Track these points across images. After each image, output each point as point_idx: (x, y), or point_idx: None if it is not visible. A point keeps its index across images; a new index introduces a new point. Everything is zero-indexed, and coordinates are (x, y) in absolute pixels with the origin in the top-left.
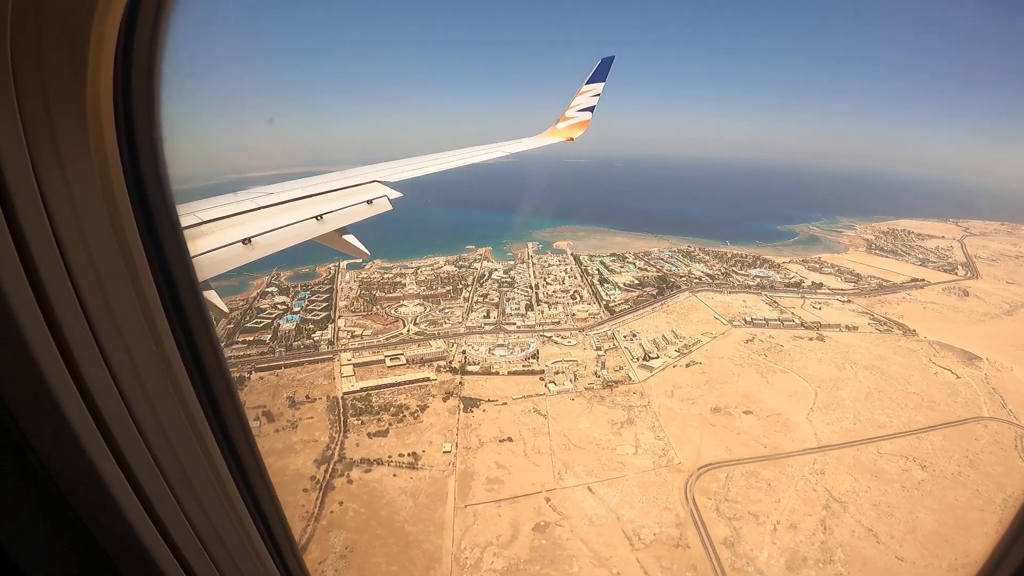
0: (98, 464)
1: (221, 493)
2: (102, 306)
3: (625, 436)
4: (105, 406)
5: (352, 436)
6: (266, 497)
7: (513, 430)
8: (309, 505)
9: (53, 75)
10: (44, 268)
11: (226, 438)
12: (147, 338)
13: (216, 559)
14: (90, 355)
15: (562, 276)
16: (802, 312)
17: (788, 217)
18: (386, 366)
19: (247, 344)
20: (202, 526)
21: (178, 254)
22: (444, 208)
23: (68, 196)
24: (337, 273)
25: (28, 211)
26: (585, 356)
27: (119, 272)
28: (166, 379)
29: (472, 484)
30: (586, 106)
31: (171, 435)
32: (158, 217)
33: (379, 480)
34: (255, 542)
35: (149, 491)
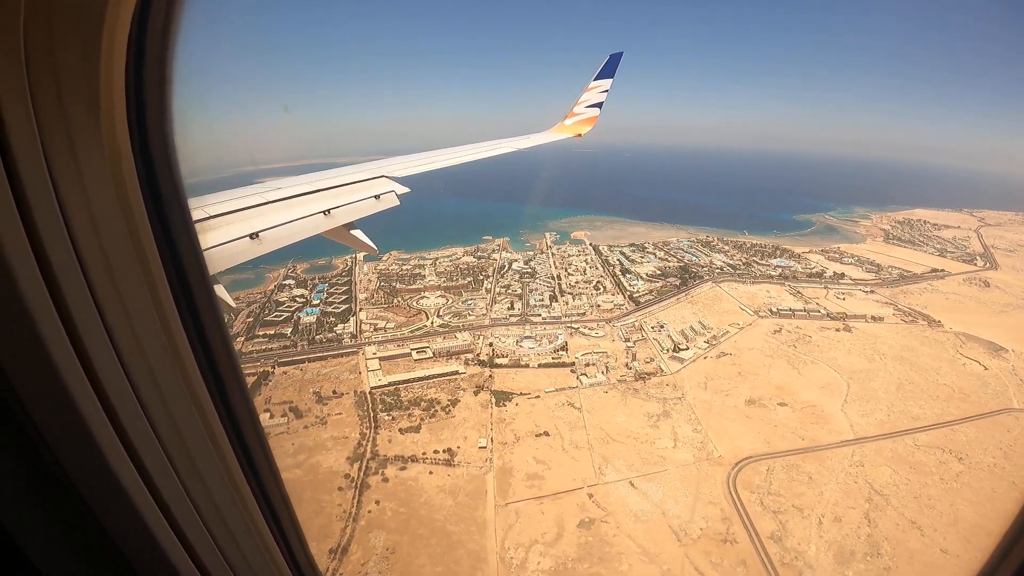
0: (111, 460)
1: (233, 490)
2: (114, 298)
3: (663, 429)
4: (118, 401)
5: (383, 432)
6: (277, 494)
7: (549, 424)
8: (346, 504)
9: (65, 66)
10: (56, 259)
11: (237, 434)
12: (159, 331)
13: (228, 556)
14: (102, 348)
15: (583, 266)
16: (827, 302)
17: (803, 207)
18: (413, 359)
19: (268, 338)
20: (214, 523)
21: (190, 247)
22: (456, 199)
23: (80, 187)
24: (354, 265)
25: (40, 202)
26: (614, 348)
27: (131, 264)
28: (178, 373)
29: (511, 481)
30: (594, 102)
31: (183, 430)
32: (170, 210)
33: (415, 478)
34: (266, 539)
35: (162, 488)
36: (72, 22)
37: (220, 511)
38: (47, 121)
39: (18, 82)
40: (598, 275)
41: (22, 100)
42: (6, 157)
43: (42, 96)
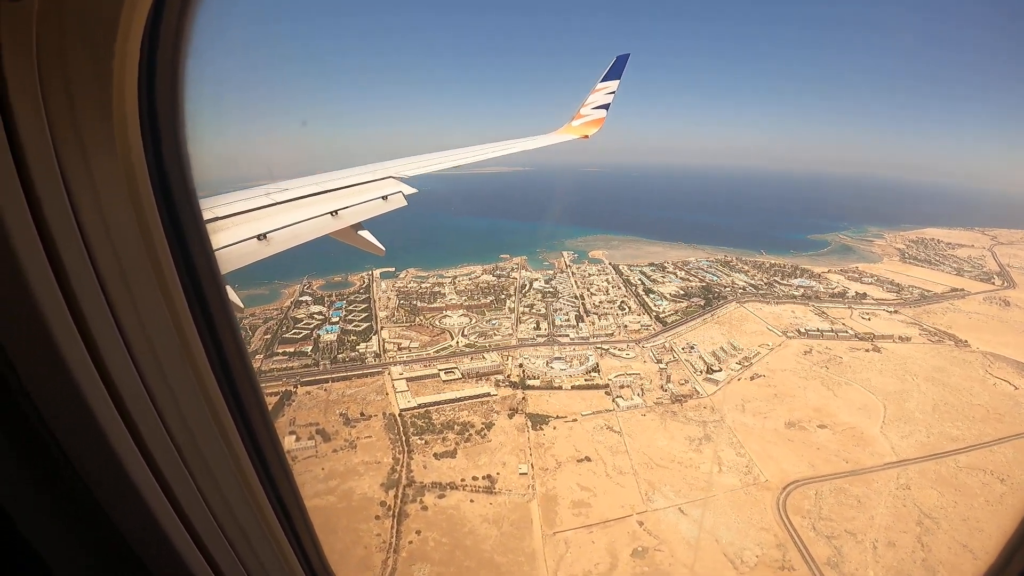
0: (125, 460)
1: (246, 490)
2: (127, 300)
3: (705, 453)
4: (131, 401)
5: (417, 457)
6: (290, 494)
7: (589, 449)
8: (385, 534)
9: (77, 69)
10: (69, 261)
11: (250, 434)
12: (172, 332)
13: (241, 556)
14: (116, 349)
15: (605, 286)
16: (852, 323)
17: (816, 226)
18: (441, 380)
19: (288, 356)
20: (227, 523)
21: (202, 249)
22: (469, 216)
23: (92, 190)
24: (372, 282)
25: (53, 204)
26: (646, 369)
27: (144, 266)
28: (191, 373)
29: (557, 508)
30: (601, 104)
31: (196, 431)
32: (182, 212)
33: (456, 506)
34: (280, 539)
35: (175, 488)
36: (85, 32)
37: (233, 511)
38: (59, 124)
39: (31, 91)
40: (621, 295)
41: (35, 109)
42: (18, 160)
43: (54, 99)
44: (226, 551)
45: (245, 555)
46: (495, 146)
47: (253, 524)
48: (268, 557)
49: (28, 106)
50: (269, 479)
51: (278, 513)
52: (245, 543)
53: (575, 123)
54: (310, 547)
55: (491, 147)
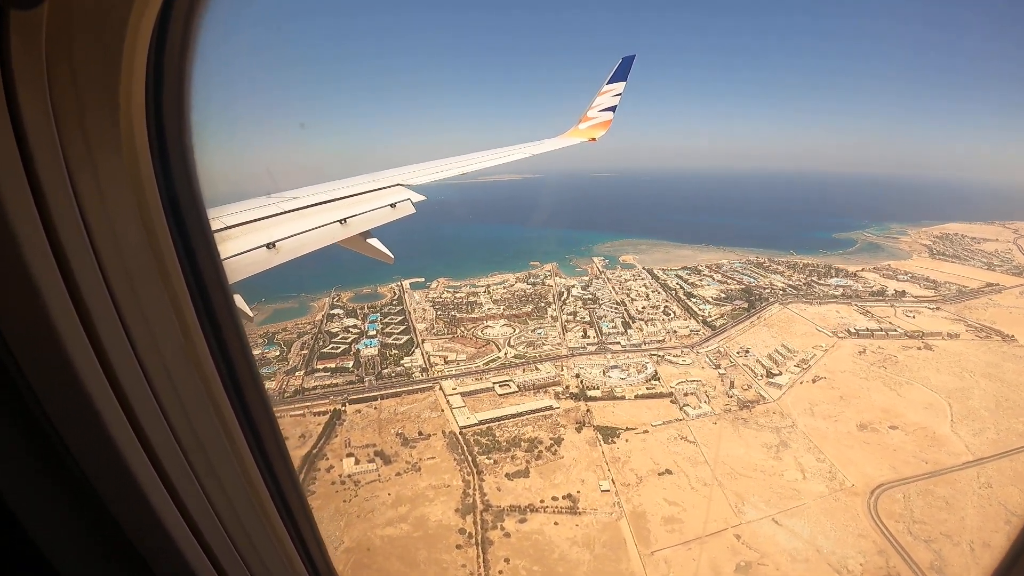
0: (130, 461)
1: (250, 490)
2: (134, 304)
3: (786, 460)
4: (137, 404)
5: (488, 478)
6: (293, 495)
7: (667, 461)
8: (471, 564)
9: (86, 80)
10: (76, 264)
11: (256, 437)
12: (178, 336)
13: (245, 556)
14: (123, 353)
15: (644, 291)
16: (899, 321)
17: (838, 225)
18: (497, 394)
19: (330, 372)
20: (232, 524)
21: (208, 254)
22: (487, 224)
23: (100, 196)
24: (403, 293)
25: (60, 206)
26: (706, 375)
27: (151, 270)
28: (197, 377)
29: (648, 526)
30: (608, 106)
31: (201, 433)
32: (188, 216)
33: (540, 530)
34: (284, 541)
35: (180, 488)
36: (93, 35)
37: (237, 512)
38: (68, 132)
39: (40, 93)
40: (663, 300)
41: (44, 110)
42: (27, 165)
43: (63, 106)
44: (230, 552)
45: (249, 556)
46: (503, 151)
47: (257, 525)
48: (272, 558)
49: (38, 113)
50: (274, 481)
51: (282, 515)
52: (249, 544)
53: (582, 126)
54: (315, 549)
55: (499, 152)
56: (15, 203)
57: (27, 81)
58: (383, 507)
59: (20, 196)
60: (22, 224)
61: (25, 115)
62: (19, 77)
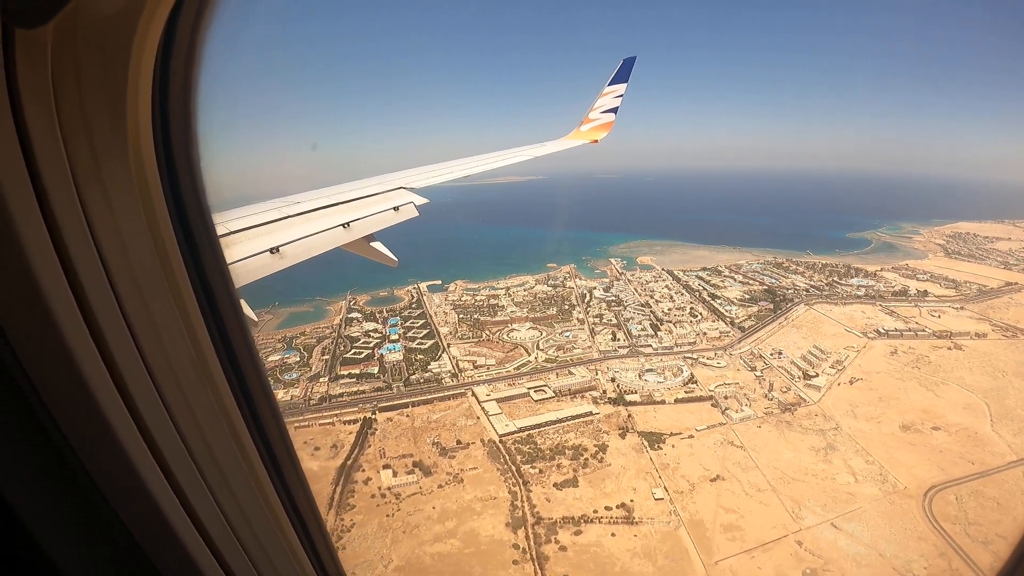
0: (139, 465)
1: (259, 493)
2: (142, 310)
3: (835, 463)
4: (146, 410)
5: (536, 489)
6: (303, 498)
7: (717, 466)
8: None
9: (92, 96)
10: (84, 271)
11: (264, 441)
12: (185, 342)
13: (254, 559)
14: (130, 358)
15: (667, 293)
16: (925, 321)
17: (849, 224)
18: (533, 400)
19: (356, 379)
20: (240, 526)
21: (214, 261)
22: (495, 226)
23: (106, 203)
24: (422, 296)
25: (68, 219)
26: (742, 377)
27: (158, 278)
28: (204, 382)
29: (708, 535)
30: (609, 107)
31: (210, 439)
32: (195, 224)
33: (598, 542)
34: (294, 544)
35: (190, 493)
36: (99, 52)
37: (247, 516)
38: (74, 143)
39: (46, 105)
40: (687, 301)
41: (50, 123)
42: (34, 176)
43: (69, 120)
44: (240, 556)
45: (259, 560)
46: (505, 154)
47: (267, 529)
48: (283, 562)
49: (44, 126)
50: (283, 485)
51: (292, 518)
52: (259, 548)
53: (584, 128)
54: (324, 553)
55: (501, 155)
56: (22, 215)
57: (33, 95)
58: (429, 522)
59: (27, 208)
60: (29, 236)
61: (31, 129)
62: (24, 92)
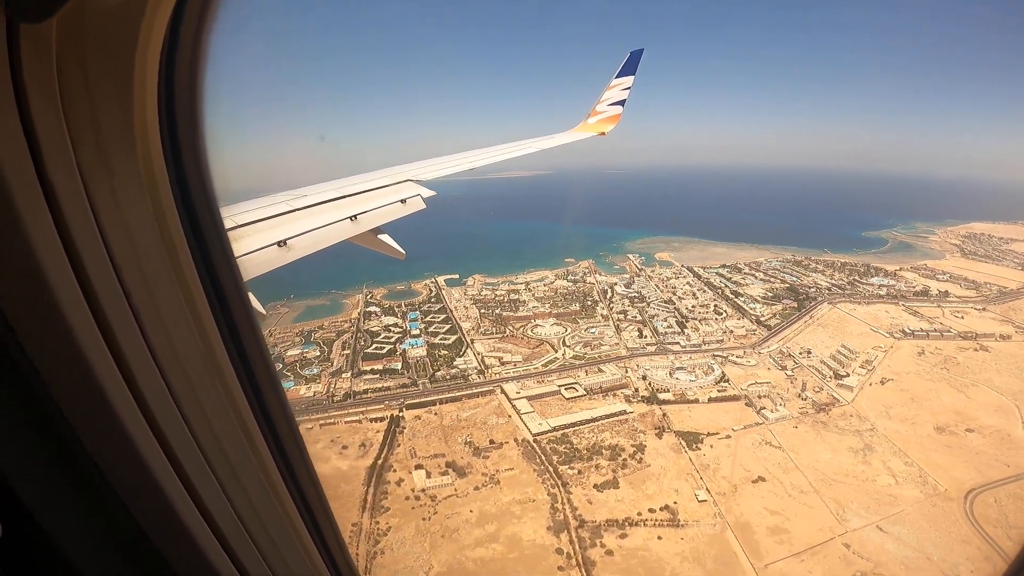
0: (151, 463)
1: (271, 491)
2: (150, 306)
3: (875, 465)
4: (156, 406)
5: (576, 490)
6: (313, 494)
7: (758, 467)
8: None
9: (99, 88)
10: (92, 268)
11: (274, 436)
12: (194, 336)
13: (267, 556)
14: (139, 353)
15: (689, 290)
16: (949, 322)
17: (865, 223)
18: (564, 398)
19: (378, 374)
20: (252, 524)
21: (223, 255)
22: (505, 220)
23: (113, 197)
24: (440, 291)
25: (75, 213)
26: (773, 376)
27: (166, 272)
28: (214, 378)
29: (755, 538)
30: (616, 100)
31: (220, 435)
32: (202, 218)
33: (644, 546)
34: (305, 541)
35: (201, 490)
36: (104, 42)
37: (258, 512)
38: (79, 131)
39: (51, 99)
40: (710, 299)
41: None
42: (40, 171)
43: (75, 113)
44: (252, 552)
45: (271, 556)
46: (512, 146)
47: (278, 525)
48: (294, 558)
49: (50, 120)
50: (294, 481)
51: (303, 514)
52: (271, 544)
53: (591, 120)
54: (335, 548)
55: (508, 147)
56: (29, 211)
57: (38, 90)
58: (468, 525)
59: (34, 203)
60: (36, 231)
61: (37, 124)
62: (30, 86)
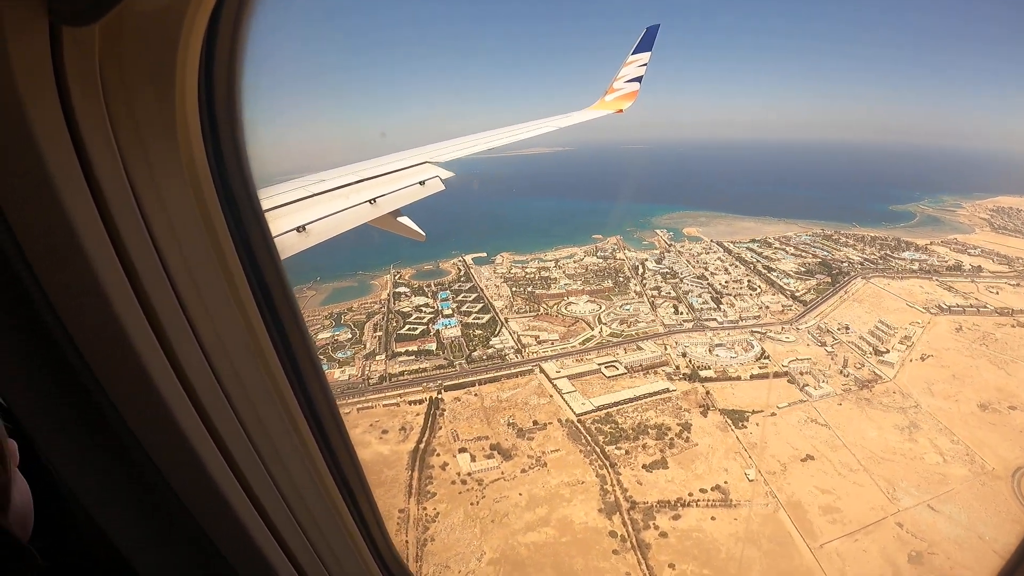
0: (208, 464)
1: (322, 490)
2: (196, 298)
3: (921, 443)
4: (208, 403)
5: (625, 471)
6: (358, 485)
7: (805, 445)
8: (635, 572)
9: (140, 89)
10: (145, 274)
11: (318, 426)
12: (239, 323)
13: (323, 558)
14: (191, 353)
15: (721, 265)
16: (985, 297)
17: (890, 197)
18: (605, 376)
19: (413, 355)
20: (308, 525)
21: (267, 251)
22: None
23: (156, 190)
24: (469, 269)
25: (121, 207)
26: (813, 353)
27: (210, 262)
28: (262, 373)
29: (808, 517)
30: (633, 76)
31: (272, 434)
32: (246, 217)
33: (698, 527)
34: (356, 539)
35: (257, 490)
36: (146, 44)
37: (312, 513)
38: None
39: (99, 122)
40: (742, 274)
41: (100, 122)
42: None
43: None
44: (310, 555)
45: (326, 557)
46: (529, 125)
47: (331, 525)
48: (347, 558)
49: (94, 118)
50: (340, 473)
51: (353, 514)
52: (325, 544)
53: (608, 98)
54: (382, 544)
55: (526, 127)
56: (77, 210)
57: (82, 92)
58: (517, 509)
59: (80, 198)
60: (85, 227)
61: (82, 124)
62: (74, 88)
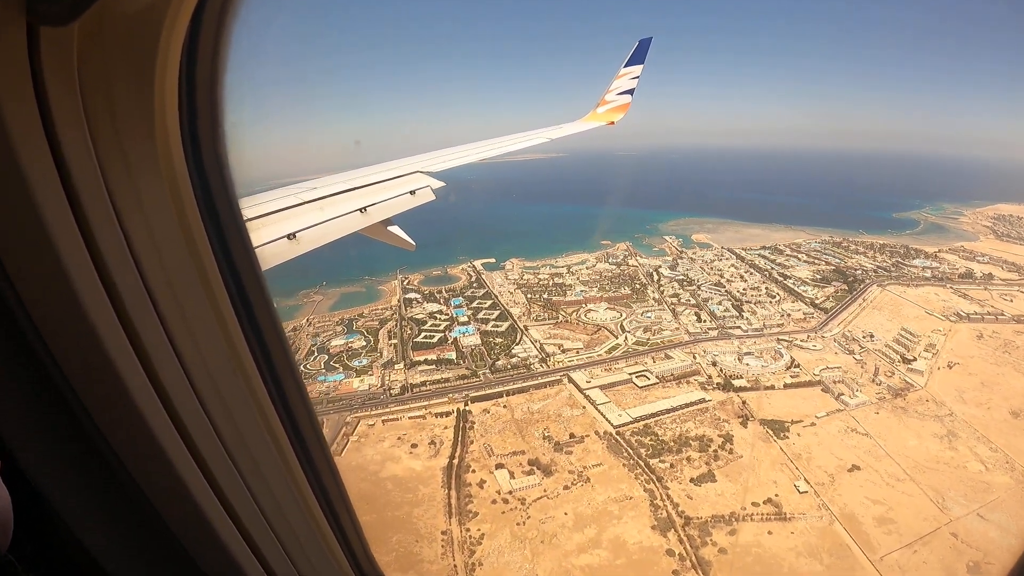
0: (175, 459)
1: (294, 488)
2: (171, 300)
3: (961, 451)
4: (179, 402)
5: (673, 486)
6: (334, 489)
7: (849, 455)
8: None
9: (120, 91)
10: (118, 275)
11: (295, 430)
12: (216, 331)
13: (291, 554)
14: (162, 350)
15: (736, 272)
16: (1000, 305)
17: (892, 205)
18: (636, 386)
19: (433, 365)
20: (277, 521)
21: (242, 248)
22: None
23: (135, 192)
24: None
25: (96, 207)
26: (842, 361)
27: (187, 265)
28: (236, 372)
29: (863, 529)
30: (625, 89)
31: (244, 430)
32: (222, 212)
33: (757, 542)
34: (328, 538)
35: (225, 486)
36: (125, 47)
37: (283, 509)
38: (104, 145)
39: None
40: (759, 281)
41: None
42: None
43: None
44: (276, 550)
45: (295, 554)
46: (521, 136)
47: (302, 522)
48: (317, 556)
49: (71, 122)
50: (316, 477)
51: (325, 511)
52: (295, 542)
53: (600, 110)
54: (356, 544)
55: (517, 137)
56: (49, 205)
57: (59, 92)
58: (565, 530)
59: (53, 196)
60: (57, 226)
61: (59, 125)
62: (51, 89)
